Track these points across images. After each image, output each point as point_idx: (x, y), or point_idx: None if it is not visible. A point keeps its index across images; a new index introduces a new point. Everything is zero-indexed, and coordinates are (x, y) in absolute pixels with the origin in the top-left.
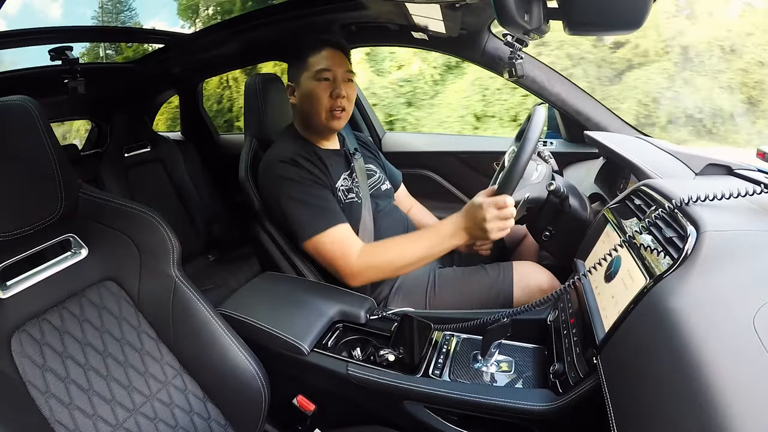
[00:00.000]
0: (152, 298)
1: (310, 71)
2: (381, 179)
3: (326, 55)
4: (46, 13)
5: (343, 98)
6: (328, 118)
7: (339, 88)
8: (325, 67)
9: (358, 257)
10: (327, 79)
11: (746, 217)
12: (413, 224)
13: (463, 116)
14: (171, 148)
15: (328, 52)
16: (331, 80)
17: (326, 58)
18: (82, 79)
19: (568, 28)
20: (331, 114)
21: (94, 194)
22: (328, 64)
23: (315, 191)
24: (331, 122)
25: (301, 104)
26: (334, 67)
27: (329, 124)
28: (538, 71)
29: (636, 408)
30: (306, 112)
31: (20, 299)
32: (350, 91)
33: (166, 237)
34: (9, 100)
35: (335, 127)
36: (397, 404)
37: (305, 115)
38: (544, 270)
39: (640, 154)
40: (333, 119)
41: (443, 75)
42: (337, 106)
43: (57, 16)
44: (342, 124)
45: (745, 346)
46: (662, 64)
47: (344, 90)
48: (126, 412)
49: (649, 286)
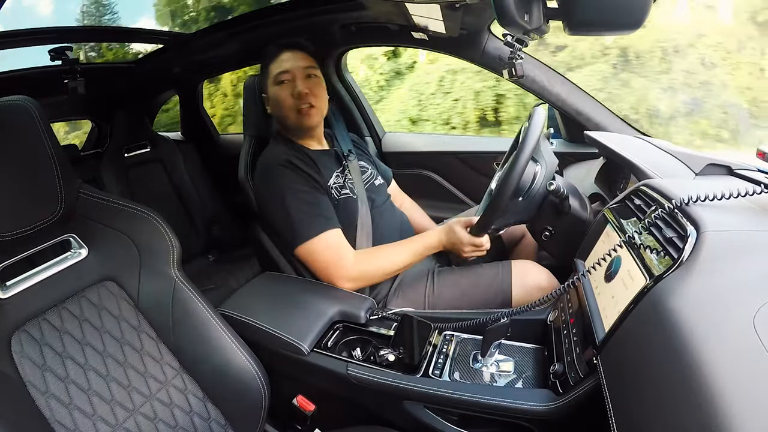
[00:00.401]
0: (152, 298)
1: (271, 77)
2: (373, 175)
3: (283, 57)
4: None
5: (306, 94)
6: (298, 117)
7: (298, 86)
8: (282, 69)
9: (353, 264)
10: (285, 81)
11: (746, 217)
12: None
13: (399, 120)
14: (171, 148)
15: (285, 54)
16: (291, 80)
17: (283, 60)
18: (82, 79)
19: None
20: (299, 112)
21: (94, 194)
22: (285, 67)
23: (309, 196)
24: (301, 120)
25: (274, 112)
26: (291, 67)
27: (301, 122)
28: (538, 71)
29: (636, 408)
30: (279, 117)
31: (20, 299)
32: (313, 87)
33: (166, 237)
34: (9, 100)
35: (308, 123)
36: (397, 404)
37: (281, 121)
38: (542, 269)
39: (640, 154)
40: (303, 116)
41: (389, 81)
42: (303, 104)
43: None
44: (314, 120)
45: (745, 346)
46: (599, 66)
47: (305, 86)
48: (126, 412)
49: (649, 286)
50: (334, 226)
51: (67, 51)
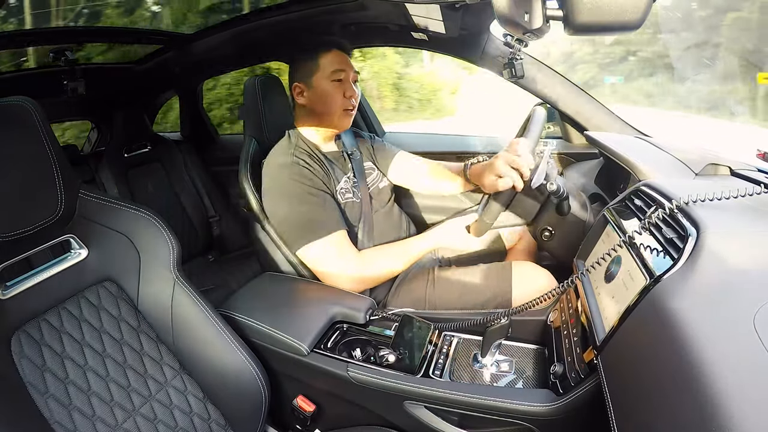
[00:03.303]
0: (152, 298)
1: (324, 72)
2: (378, 177)
3: (339, 57)
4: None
5: (352, 98)
6: (341, 116)
7: (350, 89)
8: (341, 68)
9: (356, 266)
10: (340, 80)
11: (746, 217)
12: (411, 222)
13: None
14: (171, 148)
15: (339, 54)
16: (345, 80)
17: (340, 60)
18: (82, 80)
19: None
20: (344, 112)
21: (93, 195)
22: (343, 66)
23: (315, 198)
24: (343, 120)
25: (312, 105)
26: (348, 68)
27: (341, 122)
28: (538, 72)
29: (637, 408)
30: (319, 113)
31: (20, 300)
32: (356, 94)
33: (165, 237)
34: (9, 100)
35: (346, 125)
36: (397, 405)
37: (317, 116)
38: (542, 269)
39: (640, 155)
40: (345, 117)
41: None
42: (349, 106)
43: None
44: (350, 122)
45: (745, 346)
46: None
47: (353, 91)
48: (125, 413)
49: (649, 286)
50: (340, 228)
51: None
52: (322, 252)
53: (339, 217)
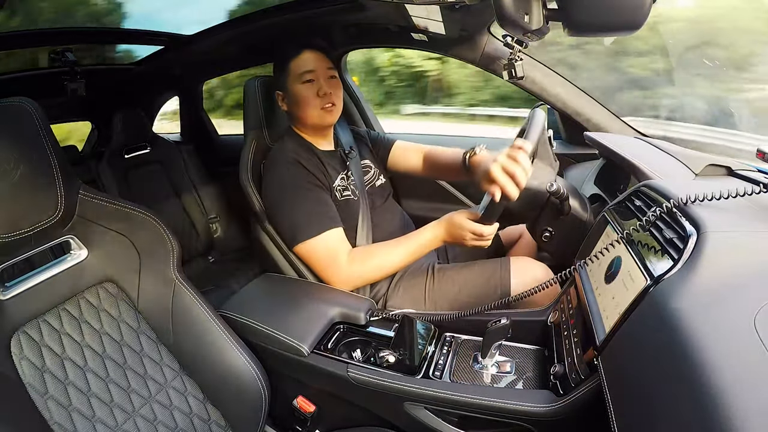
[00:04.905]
0: (152, 299)
1: (294, 76)
2: (375, 174)
3: (306, 57)
4: None
5: (330, 94)
6: (321, 115)
7: (324, 87)
8: (308, 69)
9: (349, 263)
10: (311, 81)
11: (746, 217)
12: (409, 219)
13: None
14: (170, 148)
15: (307, 53)
16: (316, 80)
17: (307, 60)
18: (82, 81)
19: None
20: (322, 110)
21: (93, 195)
22: (310, 66)
23: (313, 195)
24: (324, 118)
25: (292, 109)
26: (315, 67)
27: (323, 120)
28: (537, 73)
29: (637, 409)
30: (299, 115)
31: (20, 301)
32: (335, 88)
33: (165, 238)
34: (9, 101)
35: (329, 121)
36: (397, 405)
37: (299, 118)
38: (540, 264)
39: (640, 155)
40: (326, 114)
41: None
42: (326, 103)
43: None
44: (335, 117)
45: (745, 346)
46: None
47: (328, 87)
48: (125, 414)
49: (649, 286)
50: (336, 225)
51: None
52: (319, 249)
53: (336, 215)
